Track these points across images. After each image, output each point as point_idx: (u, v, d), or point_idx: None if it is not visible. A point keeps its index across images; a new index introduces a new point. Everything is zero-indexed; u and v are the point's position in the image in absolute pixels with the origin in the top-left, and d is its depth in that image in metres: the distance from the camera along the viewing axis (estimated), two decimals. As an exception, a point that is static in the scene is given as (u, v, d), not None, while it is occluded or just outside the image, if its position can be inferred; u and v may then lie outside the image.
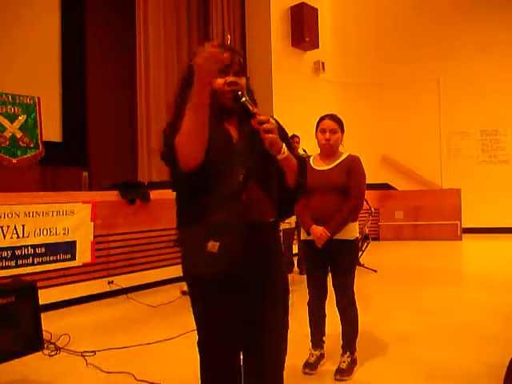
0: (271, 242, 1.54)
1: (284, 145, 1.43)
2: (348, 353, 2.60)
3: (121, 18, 7.27)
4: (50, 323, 3.40)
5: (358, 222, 2.65)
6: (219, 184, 1.37)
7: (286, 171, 1.49)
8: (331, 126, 2.59)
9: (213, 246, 1.33)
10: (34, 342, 3.06)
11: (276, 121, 1.50)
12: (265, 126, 1.36)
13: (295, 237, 5.38)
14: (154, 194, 5.07)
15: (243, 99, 1.40)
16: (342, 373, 2.54)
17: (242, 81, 1.46)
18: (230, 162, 1.39)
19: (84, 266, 4.38)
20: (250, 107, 1.39)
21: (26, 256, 3.95)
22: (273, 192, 1.50)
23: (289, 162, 1.47)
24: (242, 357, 1.56)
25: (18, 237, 3.90)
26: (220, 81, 1.43)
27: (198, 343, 1.53)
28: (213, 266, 1.35)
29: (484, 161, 9.56)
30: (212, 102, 1.35)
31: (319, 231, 2.50)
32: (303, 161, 1.57)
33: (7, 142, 4.69)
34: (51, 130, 5.95)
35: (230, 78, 1.43)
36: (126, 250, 4.77)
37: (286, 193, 1.53)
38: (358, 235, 2.66)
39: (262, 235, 1.48)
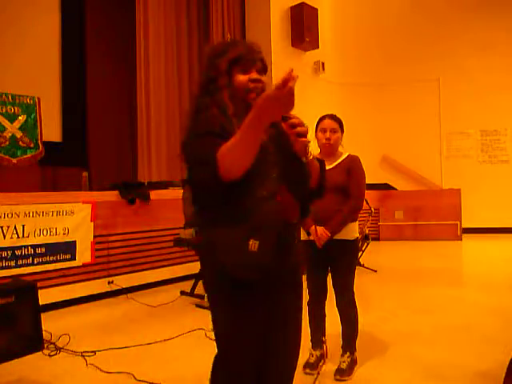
0: (296, 242, 1.54)
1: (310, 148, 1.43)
2: (348, 353, 2.61)
3: (121, 18, 7.27)
4: (49, 323, 3.40)
5: (357, 222, 2.65)
6: (253, 185, 1.35)
7: (311, 173, 1.50)
8: (331, 126, 2.60)
9: (253, 245, 1.31)
10: (34, 341, 3.05)
11: None
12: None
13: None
14: (154, 194, 5.06)
15: None
16: (342, 373, 2.54)
17: (266, 79, 1.44)
18: (263, 163, 1.37)
19: (84, 266, 4.38)
20: None
21: (26, 256, 3.95)
22: (299, 192, 1.49)
23: (312, 165, 1.49)
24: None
25: (18, 237, 3.90)
26: (243, 78, 1.42)
27: (217, 357, 1.48)
28: (254, 265, 1.32)
29: (484, 161, 9.56)
30: (236, 100, 1.37)
31: (319, 231, 2.50)
32: (323, 163, 1.57)
33: (7, 142, 4.68)
34: (51, 130, 5.95)
35: (254, 76, 1.42)
36: (126, 250, 4.77)
37: (307, 194, 1.53)
38: (358, 235, 2.66)
39: (291, 235, 1.48)
